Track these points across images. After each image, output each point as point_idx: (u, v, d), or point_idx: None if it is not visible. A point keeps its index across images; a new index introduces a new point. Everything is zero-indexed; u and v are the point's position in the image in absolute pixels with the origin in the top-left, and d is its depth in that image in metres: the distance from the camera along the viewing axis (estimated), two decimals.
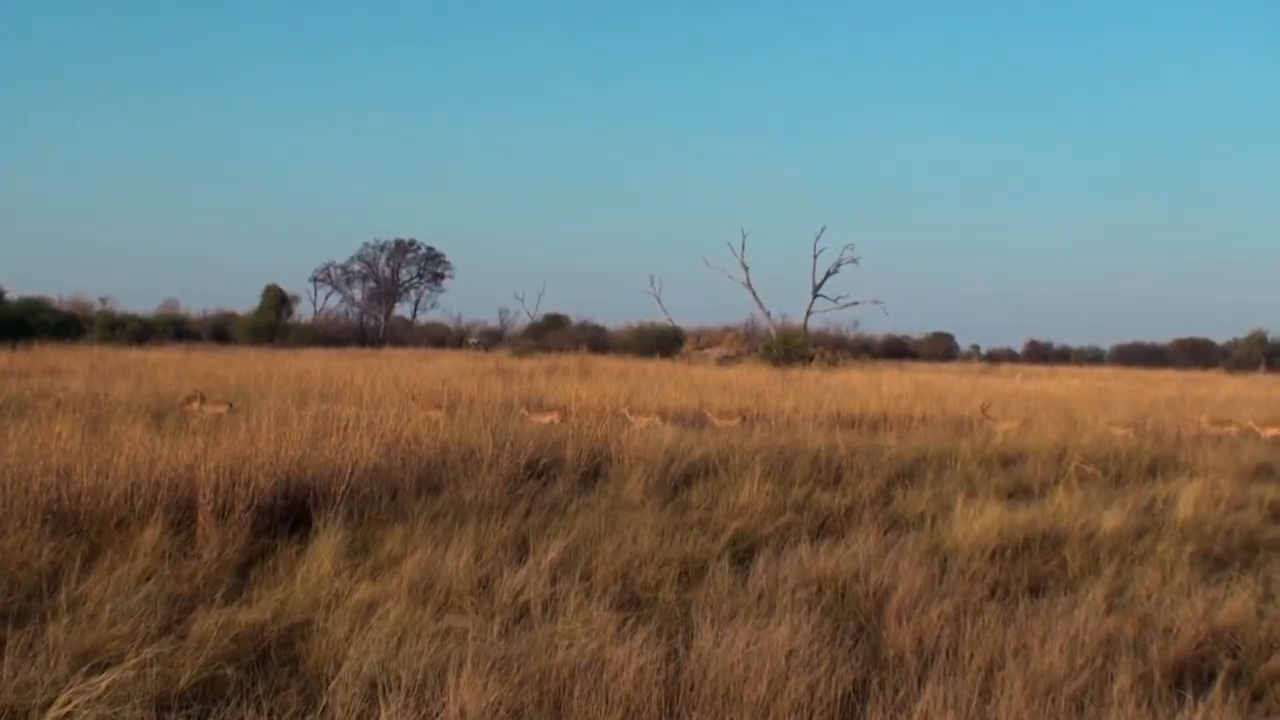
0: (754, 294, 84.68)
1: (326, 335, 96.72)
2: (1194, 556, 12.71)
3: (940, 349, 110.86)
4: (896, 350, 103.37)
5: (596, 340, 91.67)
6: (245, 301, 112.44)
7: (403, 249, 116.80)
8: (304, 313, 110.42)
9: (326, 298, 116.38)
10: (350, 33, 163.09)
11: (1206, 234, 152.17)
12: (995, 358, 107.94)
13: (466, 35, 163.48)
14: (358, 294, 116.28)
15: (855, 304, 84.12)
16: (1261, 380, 67.90)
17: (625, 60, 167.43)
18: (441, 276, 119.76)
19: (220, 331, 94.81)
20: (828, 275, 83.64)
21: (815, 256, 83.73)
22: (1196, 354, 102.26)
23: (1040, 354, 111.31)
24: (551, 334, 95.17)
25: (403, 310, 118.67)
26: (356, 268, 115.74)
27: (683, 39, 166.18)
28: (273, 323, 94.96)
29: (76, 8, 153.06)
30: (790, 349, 67.13)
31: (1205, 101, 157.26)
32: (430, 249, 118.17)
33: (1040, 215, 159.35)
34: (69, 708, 6.75)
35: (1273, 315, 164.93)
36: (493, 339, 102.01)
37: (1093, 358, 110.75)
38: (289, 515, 12.54)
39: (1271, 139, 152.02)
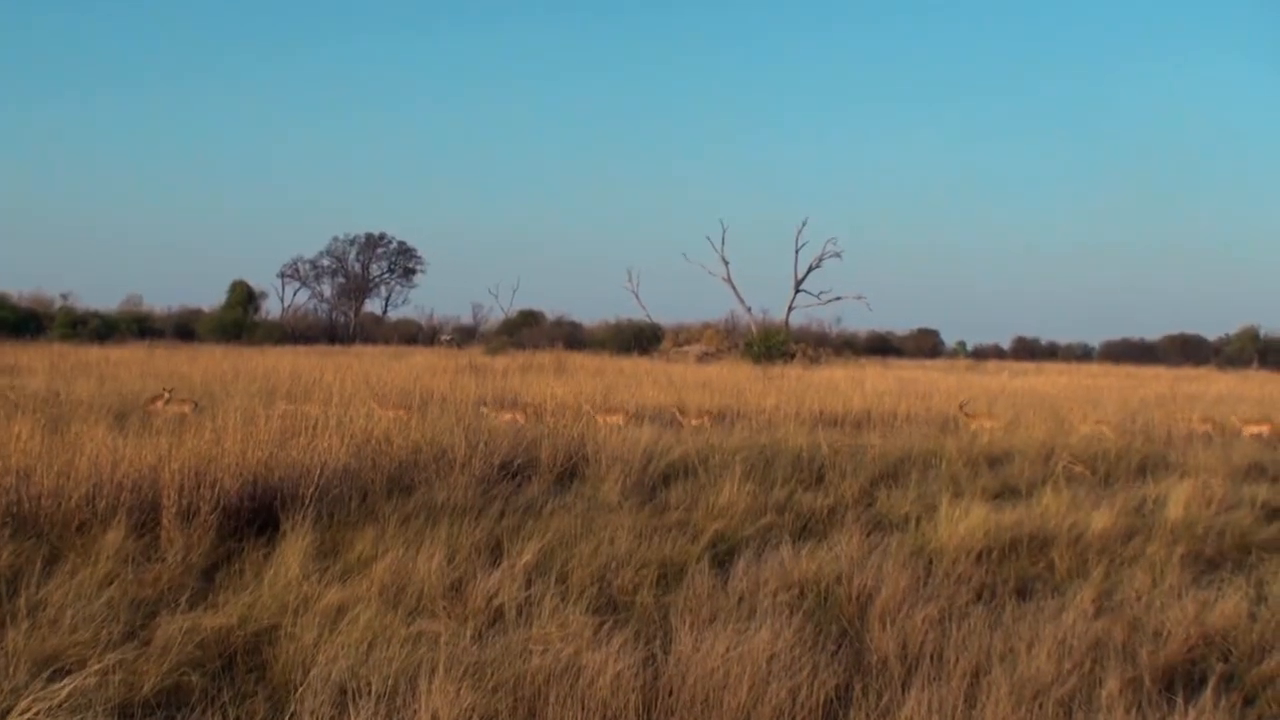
0: (734, 289, 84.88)
1: (295, 332, 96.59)
2: (1185, 558, 12.75)
3: (925, 346, 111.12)
4: (880, 347, 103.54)
5: (572, 337, 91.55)
6: (211, 298, 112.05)
7: (373, 243, 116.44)
8: (271, 309, 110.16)
9: (295, 294, 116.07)
10: (320, 24, 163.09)
11: (1198, 229, 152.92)
12: (982, 354, 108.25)
13: (440, 27, 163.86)
14: (327, 290, 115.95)
15: (838, 299, 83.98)
16: (1254, 377, 68.12)
17: (602, 53, 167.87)
18: (413, 271, 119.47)
19: (185, 329, 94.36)
20: (810, 270, 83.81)
21: (797, 251, 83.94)
22: (1187, 350, 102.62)
23: (1028, 351, 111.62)
24: (526, 331, 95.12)
25: (373, 306, 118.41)
26: (325, 263, 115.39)
27: (662, 32, 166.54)
28: (239, 320, 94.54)
29: None
30: (771, 346, 67.19)
31: (1196, 95, 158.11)
32: (401, 243, 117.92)
33: (1027, 209, 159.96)
34: (29, 715, 6.73)
35: (1265, 311, 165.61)
36: (466, 336, 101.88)
37: (1081, 354, 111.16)
38: (256, 517, 12.51)
39: (1263, 133, 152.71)
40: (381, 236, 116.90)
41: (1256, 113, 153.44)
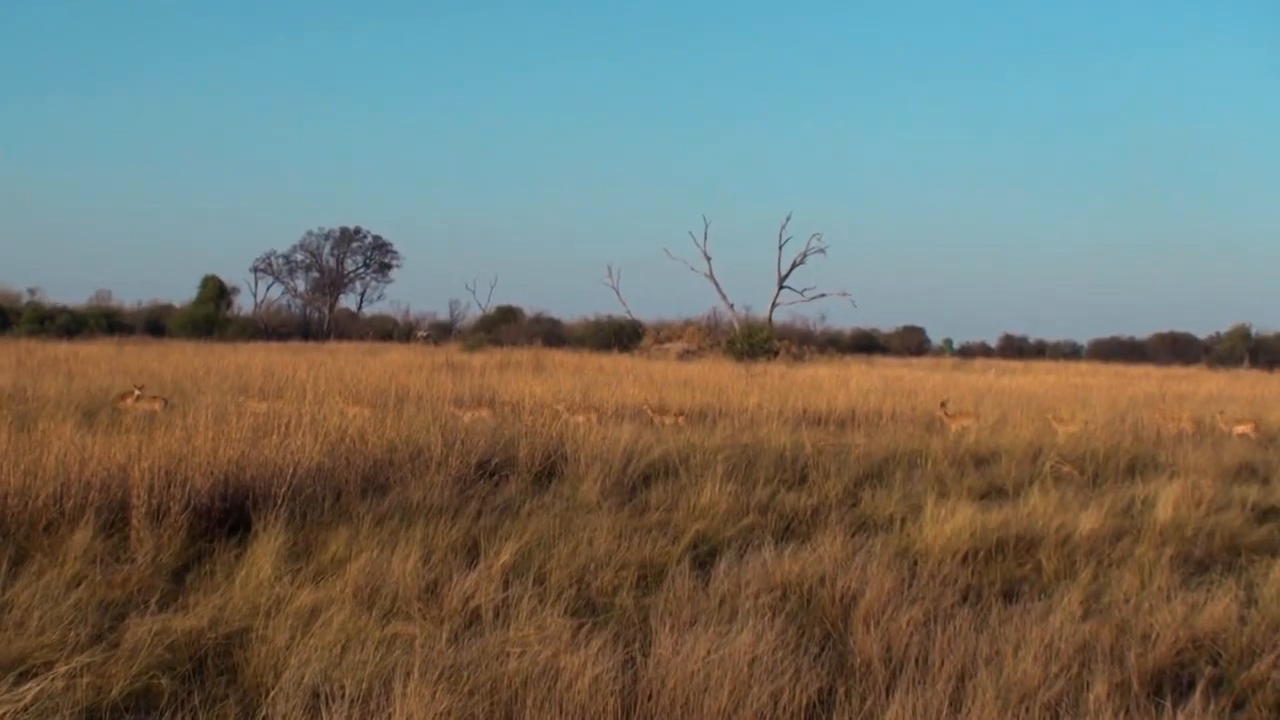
0: (717, 285, 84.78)
1: (268, 328, 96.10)
2: (1174, 560, 12.79)
3: (911, 343, 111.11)
4: (865, 344, 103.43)
5: (551, 334, 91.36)
6: (182, 293, 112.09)
7: (348, 237, 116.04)
8: (244, 305, 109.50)
9: (268, 289, 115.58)
10: (295, 14, 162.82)
11: (1189, 226, 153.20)
12: (968, 352, 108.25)
13: (418, 19, 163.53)
14: (301, 285, 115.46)
15: (822, 296, 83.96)
16: (1245, 376, 68.29)
17: (584, 46, 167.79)
18: (389, 267, 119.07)
19: (155, 325, 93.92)
20: (794, 266, 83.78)
21: (780, 246, 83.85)
22: (1177, 349, 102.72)
23: (1015, 349, 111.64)
24: (504, 327, 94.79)
25: (348, 302, 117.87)
26: (299, 257, 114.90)
27: (645, 25, 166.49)
28: (211, 315, 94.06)
29: None
30: (754, 343, 67.22)
31: (1187, 91, 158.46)
32: (377, 238, 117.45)
33: (1015, 205, 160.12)
34: None
35: (1256, 309, 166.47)
36: (443, 333, 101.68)
37: (1070, 353, 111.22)
38: (227, 517, 12.52)
39: (1254, 130, 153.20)
40: (357, 230, 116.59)
41: (1248, 110, 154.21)
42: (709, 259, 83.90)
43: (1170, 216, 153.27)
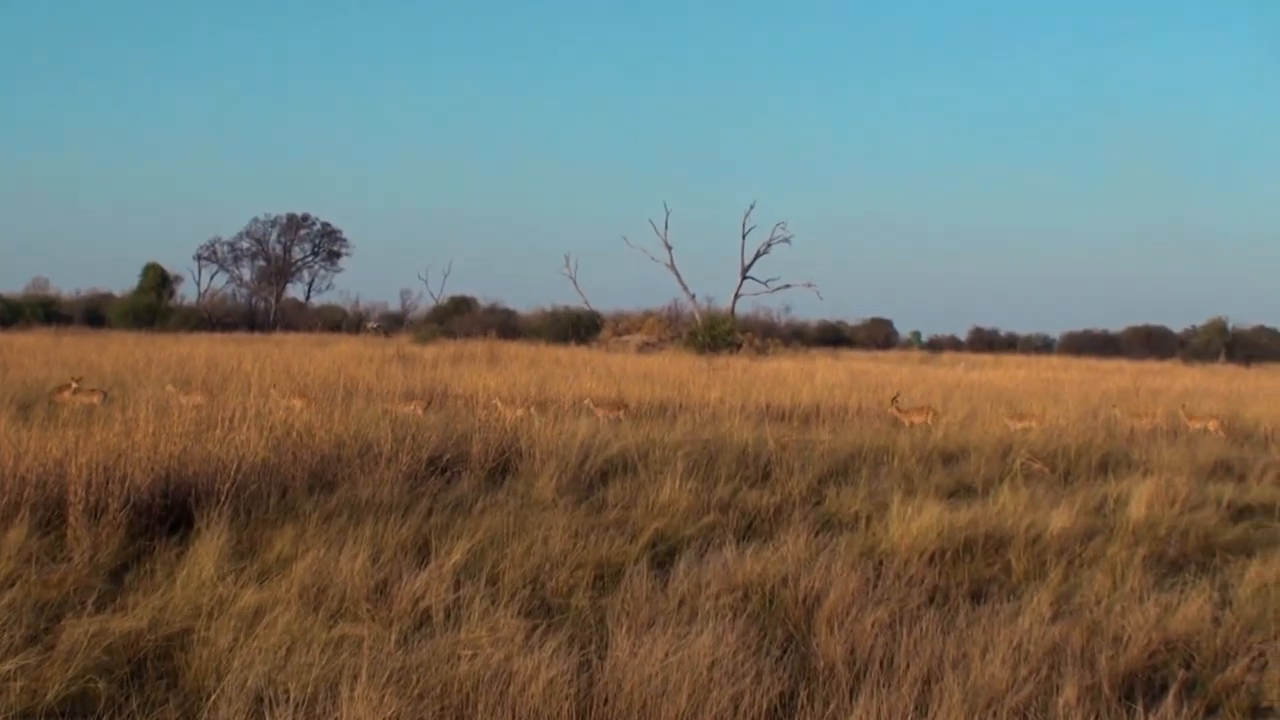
0: (678, 276, 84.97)
1: (212, 319, 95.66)
2: (1146, 560, 12.86)
3: (878, 336, 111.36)
4: (831, 337, 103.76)
5: (507, 325, 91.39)
6: (123, 281, 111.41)
7: (295, 225, 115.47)
8: (187, 294, 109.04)
9: (212, 278, 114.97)
10: None
11: (1164, 216, 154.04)
12: (937, 345, 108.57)
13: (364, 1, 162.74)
14: (246, 274, 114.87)
15: (787, 287, 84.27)
16: (1221, 371, 68.84)
17: (539, 28, 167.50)
18: (338, 255, 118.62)
19: (95, 314, 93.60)
20: (757, 256, 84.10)
21: (744, 235, 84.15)
22: (1152, 343, 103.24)
23: (985, 342, 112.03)
24: (458, 318, 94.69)
25: (296, 292, 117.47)
26: (245, 245, 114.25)
27: (602, 7, 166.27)
28: (153, 305, 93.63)
29: None
30: (716, 335, 67.41)
31: (1165, 80, 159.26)
32: (326, 225, 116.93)
33: (985, 195, 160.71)
34: None
35: (1233, 302, 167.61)
36: (394, 324, 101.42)
37: (1041, 346, 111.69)
38: (169, 515, 12.46)
39: (1230, 119, 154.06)
40: (305, 217, 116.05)
41: (1224, 99, 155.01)
42: (670, 248, 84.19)
43: (1146, 207, 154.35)
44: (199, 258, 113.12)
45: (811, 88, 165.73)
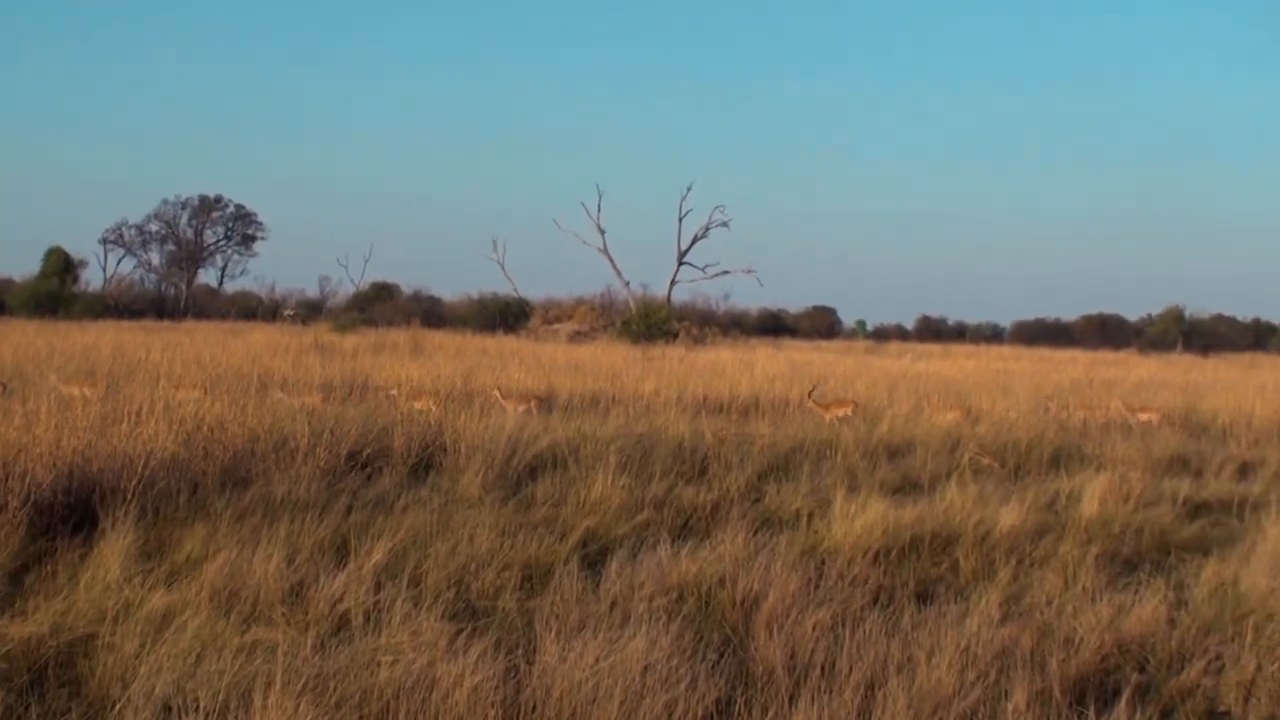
0: (611, 261, 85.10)
1: (119, 306, 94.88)
2: (1100, 558, 12.95)
3: (822, 325, 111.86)
4: (772, 326, 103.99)
5: (431, 313, 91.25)
6: (23, 266, 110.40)
7: (208, 206, 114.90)
8: (93, 280, 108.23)
9: (119, 263, 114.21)
10: None
11: (1119, 203, 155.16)
12: (883, 335, 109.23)
13: None
14: (155, 258, 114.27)
15: (726, 273, 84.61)
16: (1178, 361, 69.50)
17: (463, 3, 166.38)
18: (253, 239, 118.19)
19: None
20: (695, 240, 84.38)
21: (680, 219, 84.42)
22: (1106, 332, 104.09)
23: (933, 331, 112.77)
24: (379, 306, 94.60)
25: (208, 278, 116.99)
26: (154, 228, 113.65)
27: None
28: (55, 291, 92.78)
29: None
30: (651, 324, 67.56)
31: (1114, 64, 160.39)
32: (240, 207, 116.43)
33: (933, 179, 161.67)
34: None
35: (1190, 290, 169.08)
36: (312, 311, 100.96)
37: (991, 335, 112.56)
38: (72, 513, 12.36)
39: (1185, 103, 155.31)
40: (217, 199, 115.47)
41: (1179, 86, 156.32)
42: (603, 232, 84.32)
43: (1099, 193, 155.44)
44: (105, 241, 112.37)
45: (752, 67, 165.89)
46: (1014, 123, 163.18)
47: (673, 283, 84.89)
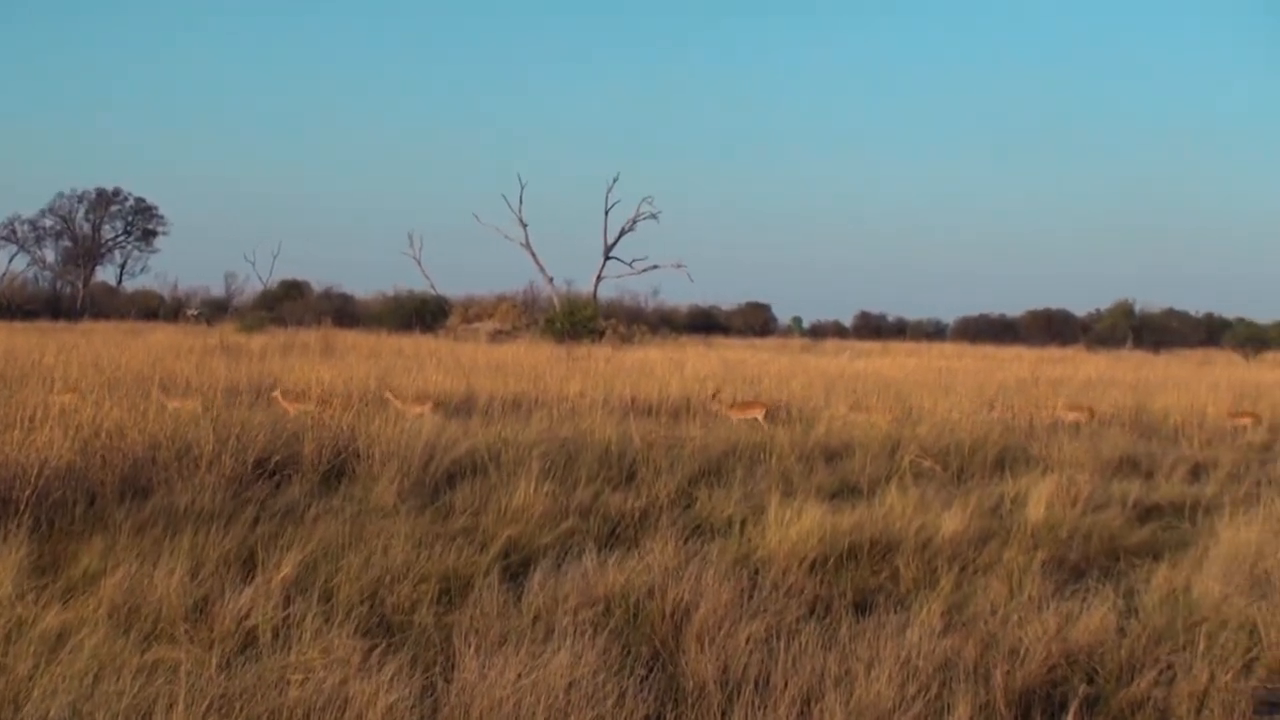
0: (534, 256, 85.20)
1: (11, 305, 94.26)
2: (1046, 565, 13.02)
3: (755, 322, 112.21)
4: (703, 323, 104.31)
5: (343, 311, 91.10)
6: None
7: (106, 200, 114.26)
8: None
9: (11, 260, 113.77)
10: None
11: (1064, 195, 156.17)
12: (820, 332, 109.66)
13: None
14: (50, 255, 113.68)
15: (654, 268, 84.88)
16: (1128, 358, 70.05)
17: None
18: (154, 234, 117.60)
19: None
20: (622, 234, 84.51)
21: (607, 212, 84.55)
22: (1053, 328, 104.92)
23: (872, 328, 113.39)
24: (289, 304, 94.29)
25: (106, 275, 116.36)
26: (48, 223, 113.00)
27: None
28: None
29: None
30: (577, 322, 67.53)
31: (1058, 51, 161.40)
32: (140, 200, 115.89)
33: (873, 171, 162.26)
34: None
35: (1139, 284, 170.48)
36: (217, 310, 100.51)
37: (933, 332, 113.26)
38: None
39: (1134, 93, 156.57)
40: (116, 192, 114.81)
41: (1123, 75, 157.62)
42: (525, 226, 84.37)
43: (1045, 186, 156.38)
44: None
45: (681, 53, 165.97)
46: (955, 114, 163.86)
47: (599, 279, 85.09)
